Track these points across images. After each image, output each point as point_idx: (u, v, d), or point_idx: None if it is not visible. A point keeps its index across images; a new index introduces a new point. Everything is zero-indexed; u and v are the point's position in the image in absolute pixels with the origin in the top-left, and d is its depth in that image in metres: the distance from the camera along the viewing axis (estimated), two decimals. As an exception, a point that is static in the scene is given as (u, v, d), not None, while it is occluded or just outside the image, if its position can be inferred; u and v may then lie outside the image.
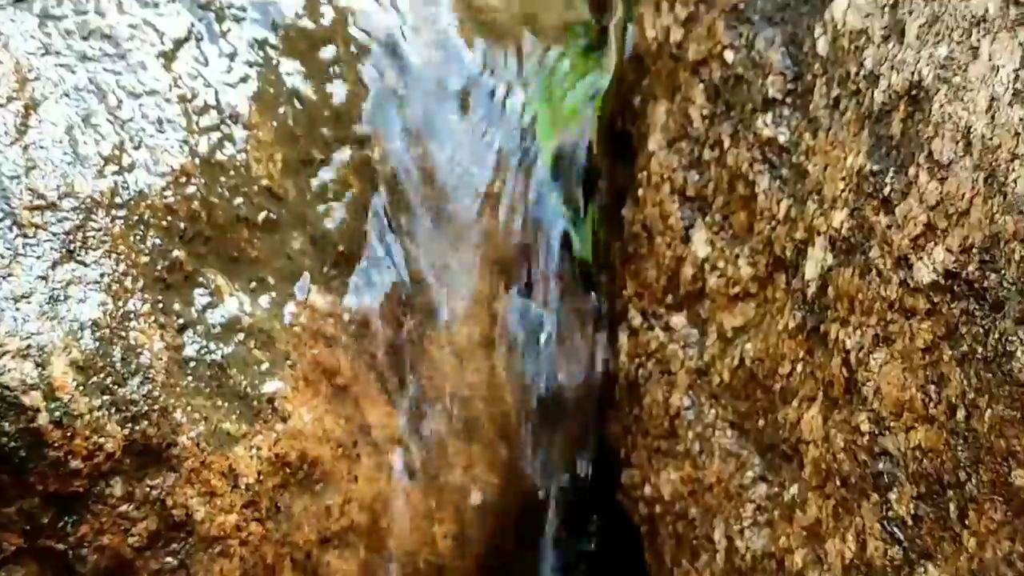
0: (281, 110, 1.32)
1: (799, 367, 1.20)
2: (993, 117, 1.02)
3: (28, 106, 1.21)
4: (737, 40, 1.29)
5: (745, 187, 1.27)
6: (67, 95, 1.23)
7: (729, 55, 1.29)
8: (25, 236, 1.17)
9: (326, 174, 1.33)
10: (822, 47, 1.21)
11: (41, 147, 1.20)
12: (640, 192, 1.38)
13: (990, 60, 1.03)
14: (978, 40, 1.04)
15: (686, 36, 1.33)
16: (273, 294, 1.27)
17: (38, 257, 1.16)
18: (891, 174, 1.11)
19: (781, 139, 1.24)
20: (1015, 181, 1.00)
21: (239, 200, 1.27)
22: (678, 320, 1.34)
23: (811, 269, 1.19)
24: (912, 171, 1.08)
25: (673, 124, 1.35)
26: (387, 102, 1.37)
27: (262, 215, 1.28)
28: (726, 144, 1.29)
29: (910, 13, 1.11)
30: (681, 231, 1.33)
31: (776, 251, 1.24)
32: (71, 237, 1.18)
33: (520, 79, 1.42)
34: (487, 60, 1.42)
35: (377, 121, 1.36)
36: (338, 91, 1.35)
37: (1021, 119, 1.00)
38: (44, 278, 1.16)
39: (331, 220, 1.32)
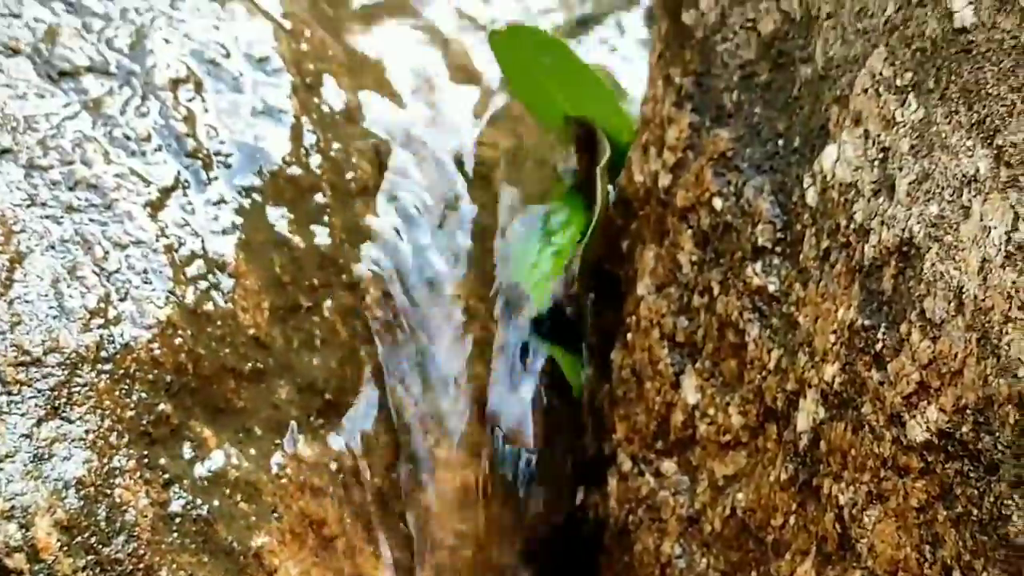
0: (269, 257, 1.31)
1: (792, 520, 1.19)
2: (985, 279, 1.02)
3: (13, 259, 1.20)
4: (726, 188, 1.28)
5: (735, 335, 1.27)
6: (53, 247, 1.22)
7: (718, 202, 1.29)
8: (9, 393, 1.15)
9: (313, 321, 1.32)
10: (811, 198, 1.20)
11: (27, 301, 1.19)
12: (629, 336, 1.37)
13: (982, 221, 1.03)
14: (969, 200, 1.04)
15: (674, 182, 1.33)
16: (260, 445, 1.26)
17: (22, 415, 1.15)
18: (883, 330, 1.10)
19: (771, 288, 1.24)
20: (1009, 344, 1.00)
21: (226, 350, 1.26)
22: (669, 466, 1.33)
23: (803, 421, 1.18)
24: (904, 328, 1.08)
25: (662, 269, 1.34)
26: (376, 249, 1.37)
27: (249, 365, 1.27)
28: (715, 291, 1.29)
29: (900, 169, 1.11)
30: (671, 377, 1.32)
31: (767, 401, 1.23)
32: (56, 393, 1.17)
33: (507, 222, 1.42)
34: (475, 203, 1.42)
35: (366, 267, 1.36)
36: (325, 238, 1.34)
37: (1014, 283, 1.00)
38: (28, 436, 1.15)
39: (318, 368, 1.31)
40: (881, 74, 1.14)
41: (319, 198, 1.35)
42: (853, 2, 1.18)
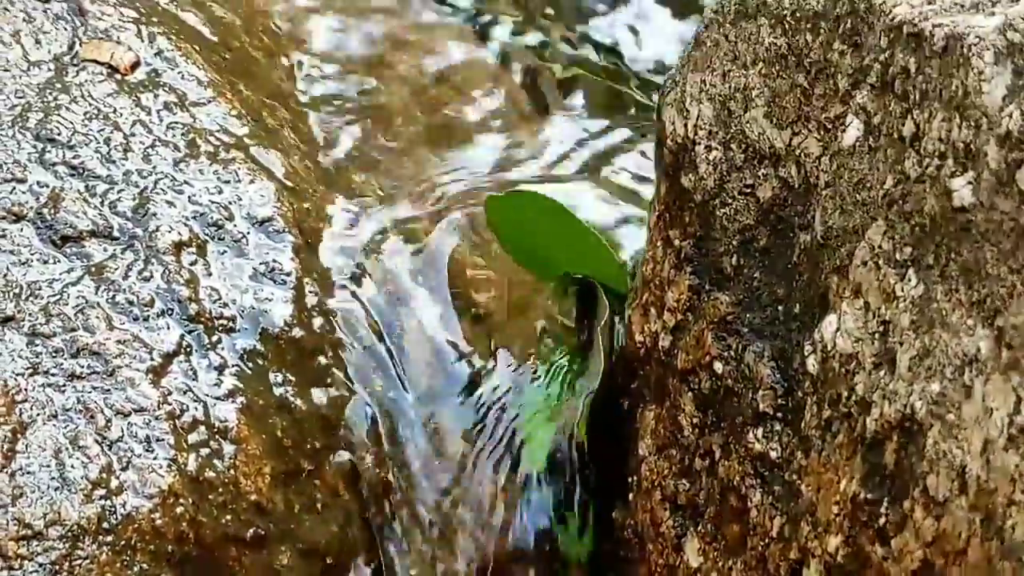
0: (271, 421, 1.31)
1: None
2: (988, 460, 1.02)
3: (16, 430, 1.20)
4: (726, 352, 1.29)
5: (737, 500, 1.27)
6: (55, 416, 1.22)
7: (718, 366, 1.29)
8: (11, 568, 1.15)
9: (315, 485, 1.32)
10: (812, 366, 1.21)
11: (28, 472, 1.19)
12: (631, 496, 1.37)
13: (984, 401, 1.03)
14: (971, 379, 1.04)
15: (675, 344, 1.34)
16: (261, 613, 1.26)
17: (24, 590, 1.15)
18: (886, 504, 1.10)
19: (773, 455, 1.24)
20: (1013, 527, 1.00)
21: (227, 518, 1.26)
22: (671, 629, 1.32)
23: (806, 591, 1.18)
24: (907, 504, 1.08)
25: (663, 430, 1.34)
26: (377, 408, 1.37)
27: (250, 531, 1.27)
28: (717, 455, 1.29)
29: (901, 344, 1.11)
30: (673, 539, 1.32)
31: (770, 568, 1.23)
32: (57, 567, 1.17)
33: (510, 381, 1.43)
34: (478, 363, 1.43)
35: (368, 429, 1.36)
36: (328, 399, 1.35)
37: (1017, 465, 1.00)
38: (30, 611, 1.15)
39: (319, 532, 1.31)
40: (880, 247, 1.14)
41: (321, 360, 1.36)
42: (851, 173, 1.19)
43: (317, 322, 1.37)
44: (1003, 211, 1.04)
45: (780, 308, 1.26)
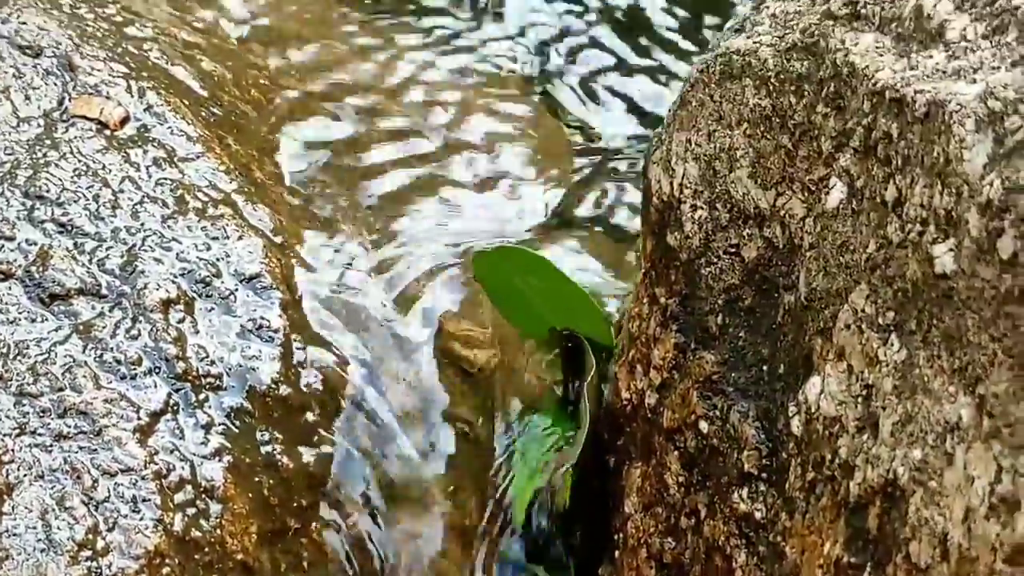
0: (257, 479, 1.31)
1: None
2: (970, 528, 1.02)
3: (2, 491, 1.20)
4: (711, 411, 1.29)
5: (723, 560, 1.27)
6: (42, 477, 1.23)
7: (704, 425, 1.30)
8: (-3, 631, 1.15)
9: (301, 543, 1.32)
10: (796, 427, 1.21)
11: (15, 535, 1.19)
12: (616, 554, 1.37)
13: (965, 469, 1.03)
14: (953, 447, 1.05)
15: (660, 402, 1.34)
16: (246, 673, 1.26)
17: (9, 653, 1.15)
18: (869, 569, 1.10)
19: (757, 515, 1.24)
20: (994, 596, 1.00)
21: (213, 577, 1.26)
22: None
23: (791, 653, 1.18)
24: (890, 570, 1.08)
25: (649, 488, 1.35)
26: (363, 465, 1.37)
27: (236, 591, 1.27)
28: (702, 514, 1.29)
29: (883, 408, 1.12)
30: (659, 597, 1.33)
31: (755, 629, 1.23)
32: (44, 629, 1.17)
33: (497, 437, 1.43)
34: (466, 418, 1.43)
35: (355, 487, 1.36)
36: (314, 456, 1.35)
37: (998, 535, 1.00)
38: (15, 676, 1.15)
39: (306, 590, 1.31)
40: (863, 311, 1.15)
41: (309, 416, 1.36)
42: (835, 236, 1.19)
43: (304, 378, 1.38)
44: (984, 279, 1.04)
45: (765, 368, 1.27)
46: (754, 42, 1.28)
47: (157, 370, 1.31)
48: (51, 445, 1.24)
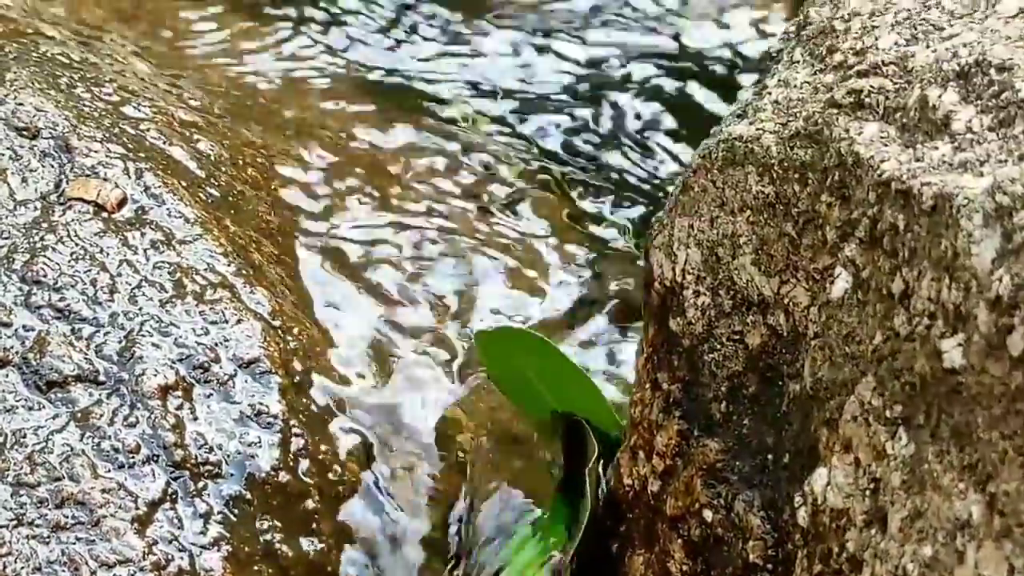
0: (256, 569, 1.30)
1: None
2: (982, 629, 1.01)
3: (-1, 581, 1.19)
4: (716, 500, 1.28)
5: (728, 651, 1.26)
6: (39, 569, 1.21)
7: (708, 514, 1.28)
8: None
9: (302, 632, 1.31)
10: (802, 518, 1.20)
11: (12, 629, 1.18)
12: (620, 642, 1.36)
13: (976, 568, 1.02)
14: (963, 545, 1.04)
15: (664, 489, 1.33)
16: None
17: None
18: (878, 666, 1.09)
19: (763, 607, 1.23)
20: None
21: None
22: None
23: None
24: (900, 668, 1.07)
25: (652, 576, 1.34)
26: (363, 555, 1.36)
27: None
28: (707, 604, 1.28)
29: (892, 503, 1.11)
30: None
31: None
32: None
33: (498, 523, 1.42)
34: (466, 503, 1.42)
35: (352, 572, 1.35)
36: (315, 546, 1.34)
37: (1011, 635, 1.00)
38: None
39: None
40: (871, 403, 1.14)
41: (308, 504, 1.35)
42: (840, 326, 1.19)
43: (304, 465, 1.36)
44: (994, 375, 1.04)
45: (770, 457, 1.26)
46: (757, 129, 1.27)
47: (155, 458, 1.30)
48: (48, 536, 1.23)
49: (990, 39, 1.17)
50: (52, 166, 1.46)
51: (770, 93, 1.30)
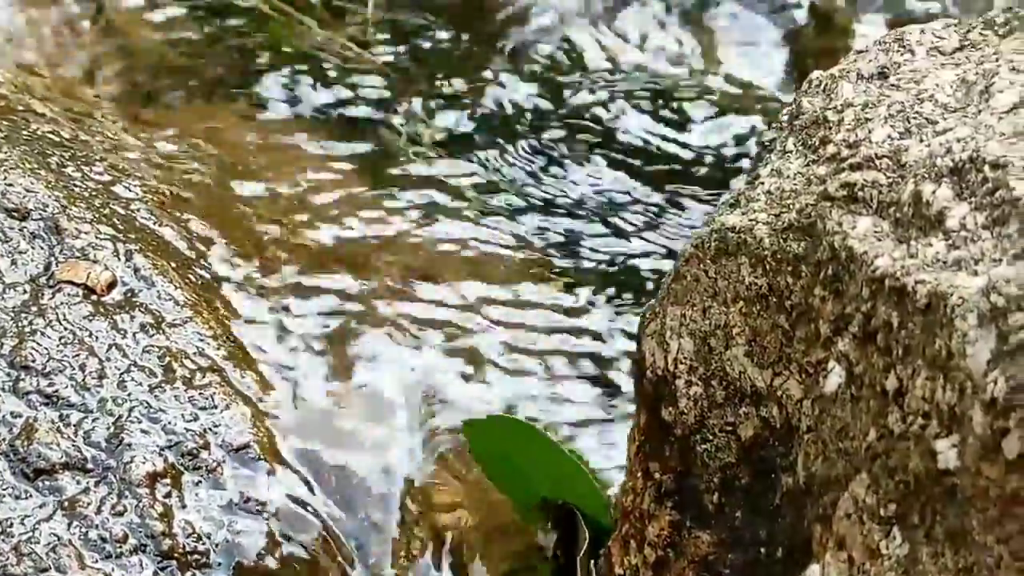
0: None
1: None
2: None
3: None
4: (709, 593, 1.27)
5: None
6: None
7: (700, 607, 1.28)
8: None
9: None
10: (796, 616, 1.19)
11: None
12: None
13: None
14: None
15: (655, 580, 1.32)
16: None
17: None
18: None
19: None
20: None
21: None
22: None
23: None
24: None
25: (644, 667, 1.32)
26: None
27: None
28: None
29: (886, 603, 1.10)
30: None
31: None
32: None
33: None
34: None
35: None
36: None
37: None
38: None
39: None
40: (864, 501, 1.13)
41: (294, 594, 1.34)
42: (834, 420, 1.18)
43: (292, 552, 1.35)
44: (989, 478, 1.03)
45: (763, 550, 1.25)
46: (750, 219, 1.27)
47: (143, 548, 1.29)
48: (37, 624, 1.22)
49: (984, 135, 1.17)
50: (42, 248, 1.45)
51: (763, 183, 1.30)
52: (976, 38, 1.30)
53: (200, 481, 1.35)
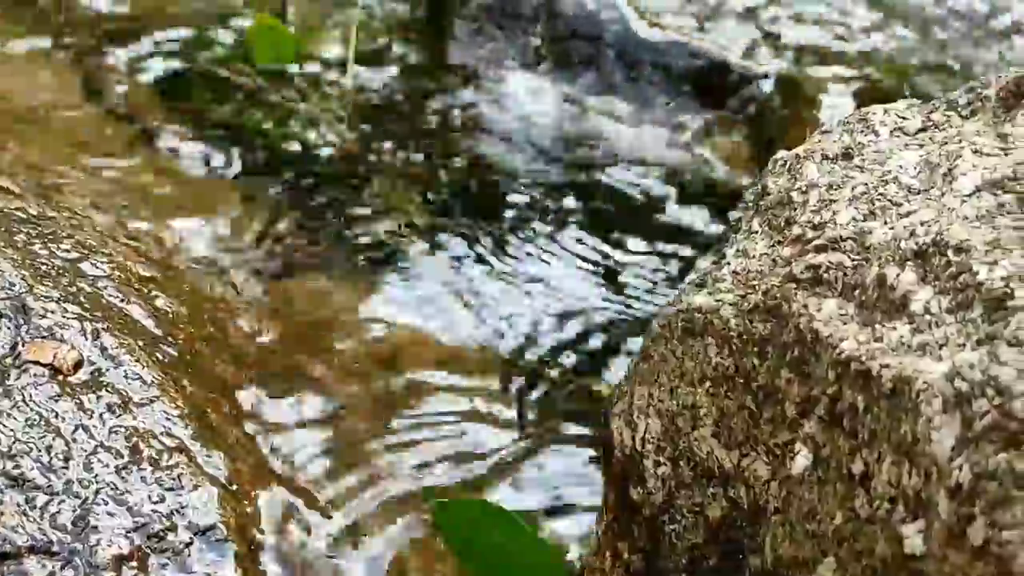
0: None
1: None
2: None
3: None
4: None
5: None
6: None
7: None
8: None
9: None
10: None
11: None
12: None
13: None
14: None
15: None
16: None
17: None
18: None
19: None
20: None
21: None
22: None
23: None
24: None
25: None
26: None
27: None
28: None
29: None
30: None
31: None
32: None
33: None
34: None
35: None
36: None
37: None
38: None
39: None
40: (832, 585, 1.13)
41: None
42: (801, 503, 1.18)
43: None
44: (955, 564, 1.03)
45: (731, 632, 1.25)
46: (716, 300, 1.27)
47: (110, 632, 1.28)
48: None
49: (947, 218, 1.17)
50: (8, 328, 1.45)
51: (728, 263, 1.30)
52: (939, 119, 1.31)
53: (167, 564, 1.34)
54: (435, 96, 2.07)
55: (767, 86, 2.10)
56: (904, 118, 1.33)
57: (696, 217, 1.85)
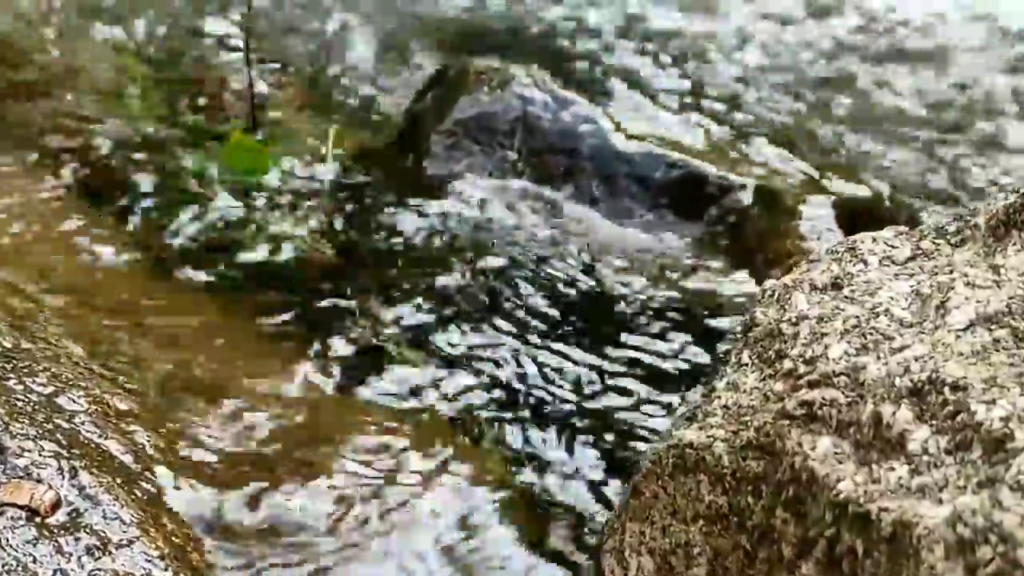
0: None
1: None
2: None
3: None
4: None
5: None
6: None
7: None
8: None
9: None
10: None
11: None
12: None
13: None
14: None
15: None
16: None
17: None
18: None
19: None
20: None
21: None
22: None
23: None
24: None
25: None
26: None
27: None
28: None
29: None
30: None
31: None
32: None
33: None
34: None
35: None
36: None
37: None
38: None
39: None
40: None
41: None
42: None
43: None
44: None
45: None
46: (708, 436, 1.25)
47: None
48: None
49: (942, 354, 1.16)
50: (-16, 469, 1.41)
51: (719, 397, 1.28)
52: (928, 247, 1.30)
53: None
54: (410, 208, 2.06)
55: (746, 197, 2.08)
56: (893, 246, 1.31)
57: (675, 332, 1.82)
